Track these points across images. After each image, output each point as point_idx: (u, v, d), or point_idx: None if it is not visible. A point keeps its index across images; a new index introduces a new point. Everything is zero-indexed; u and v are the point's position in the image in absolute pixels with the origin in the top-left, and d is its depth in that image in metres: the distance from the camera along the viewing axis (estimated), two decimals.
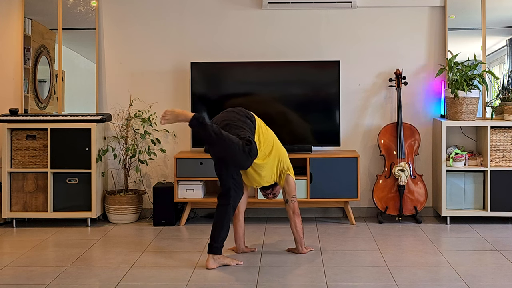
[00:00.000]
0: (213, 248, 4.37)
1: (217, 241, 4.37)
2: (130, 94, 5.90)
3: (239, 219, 4.67)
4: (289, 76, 5.78)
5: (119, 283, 4.06)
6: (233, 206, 4.44)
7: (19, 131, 5.64)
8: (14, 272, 4.32)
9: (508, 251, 4.72)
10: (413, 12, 5.87)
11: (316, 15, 5.87)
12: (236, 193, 4.42)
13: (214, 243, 4.37)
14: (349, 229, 5.48)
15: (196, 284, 4.02)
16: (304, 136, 5.75)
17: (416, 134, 5.75)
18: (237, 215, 4.65)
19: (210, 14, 5.91)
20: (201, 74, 5.77)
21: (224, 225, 4.39)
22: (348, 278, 4.12)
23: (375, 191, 5.69)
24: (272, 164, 4.54)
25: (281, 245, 4.93)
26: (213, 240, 4.37)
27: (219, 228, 4.38)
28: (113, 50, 5.96)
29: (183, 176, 5.56)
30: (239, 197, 4.47)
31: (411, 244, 4.97)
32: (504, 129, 5.50)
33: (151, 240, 5.15)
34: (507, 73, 5.84)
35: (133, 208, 5.72)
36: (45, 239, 5.19)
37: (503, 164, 5.51)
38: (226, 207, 4.40)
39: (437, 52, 5.86)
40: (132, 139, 5.83)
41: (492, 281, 4.05)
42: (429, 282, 4.05)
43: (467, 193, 5.61)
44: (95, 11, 5.92)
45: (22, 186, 5.64)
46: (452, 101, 5.53)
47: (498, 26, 5.89)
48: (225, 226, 4.39)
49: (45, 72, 6.01)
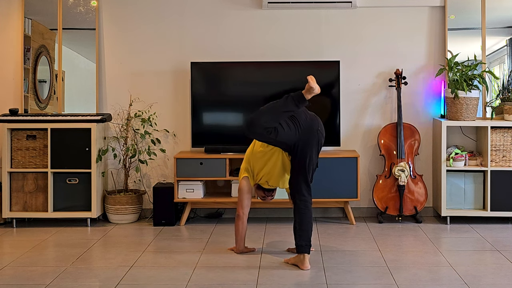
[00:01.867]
0: (309, 247, 4.37)
1: (310, 239, 4.39)
2: (130, 94, 5.90)
3: (243, 220, 4.66)
4: (289, 76, 5.77)
5: (119, 283, 4.06)
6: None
7: (19, 131, 5.64)
8: (14, 272, 4.32)
9: (508, 251, 4.72)
10: (413, 12, 5.87)
11: (316, 15, 5.87)
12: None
13: (309, 243, 4.37)
14: (349, 229, 5.48)
15: (196, 284, 4.02)
16: None
17: (416, 134, 5.75)
18: (242, 217, 4.64)
19: (210, 14, 5.91)
20: (201, 74, 5.77)
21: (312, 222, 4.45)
22: (348, 278, 4.12)
23: (375, 191, 5.69)
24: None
25: (281, 245, 4.93)
26: (308, 240, 4.36)
27: (311, 225, 4.40)
28: (113, 50, 5.96)
29: (183, 176, 5.56)
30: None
31: (411, 244, 4.97)
32: (504, 129, 5.50)
33: (151, 240, 5.15)
34: (507, 73, 5.84)
35: (133, 208, 5.72)
36: (45, 239, 5.19)
37: (503, 164, 5.51)
38: (309, 203, 4.43)
39: (437, 52, 5.86)
40: (132, 139, 5.84)
41: (492, 281, 4.05)
42: (429, 282, 4.05)
43: (467, 193, 5.61)
44: (95, 11, 5.92)
45: (22, 186, 5.64)
46: (452, 101, 5.53)
47: (498, 26, 5.89)
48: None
49: (45, 72, 6.01)
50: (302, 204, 4.39)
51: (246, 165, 4.64)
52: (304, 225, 4.36)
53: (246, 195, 4.61)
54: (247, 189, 4.61)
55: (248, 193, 4.64)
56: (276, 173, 4.56)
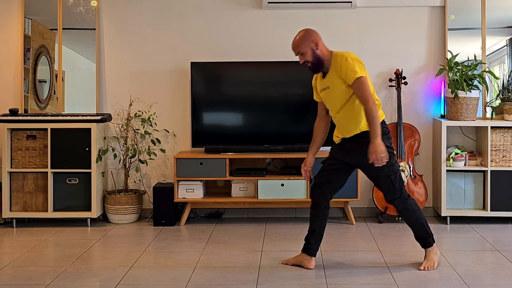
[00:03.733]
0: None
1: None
2: (130, 94, 5.90)
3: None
4: (289, 76, 5.77)
5: (119, 283, 4.06)
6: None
7: (19, 131, 5.64)
8: (14, 272, 4.32)
9: (508, 251, 4.72)
10: (413, 12, 5.87)
11: (316, 15, 5.87)
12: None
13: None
14: (349, 229, 5.48)
15: (196, 284, 4.02)
16: (304, 136, 5.73)
17: (416, 134, 5.75)
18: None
19: (210, 14, 5.91)
20: (201, 74, 5.77)
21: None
22: (348, 278, 4.12)
23: (375, 191, 5.69)
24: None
25: (281, 245, 4.93)
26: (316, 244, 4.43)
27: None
28: (113, 50, 5.96)
29: (183, 176, 5.56)
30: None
31: (411, 244, 4.96)
32: (504, 129, 5.50)
33: (151, 240, 5.15)
34: (507, 73, 5.84)
35: (133, 208, 5.72)
36: (45, 239, 5.19)
37: (503, 164, 5.51)
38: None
39: (437, 52, 5.86)
40: (132, 139, 5.84)
41: (492, 281, 4.05)
42: (429, 282, 4.05)
43: (467, 193, 5.61)
44: (95, 11, 5.92)
45: (22, 186, 5.64)
46: (452, 101, 5.53)
47: (498, 26, 5.89)
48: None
49: (45, 72, 6.01)
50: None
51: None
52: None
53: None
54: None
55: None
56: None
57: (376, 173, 4.20)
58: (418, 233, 4.35)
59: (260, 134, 5.76)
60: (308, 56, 4.18)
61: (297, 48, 4.22)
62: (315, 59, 4.18)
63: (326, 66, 4.21)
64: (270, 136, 5.78)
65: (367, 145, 4.06)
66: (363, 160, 4.11)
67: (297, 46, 4.21)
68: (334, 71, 4.17)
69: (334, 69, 4.17)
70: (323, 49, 4.20)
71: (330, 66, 4.20)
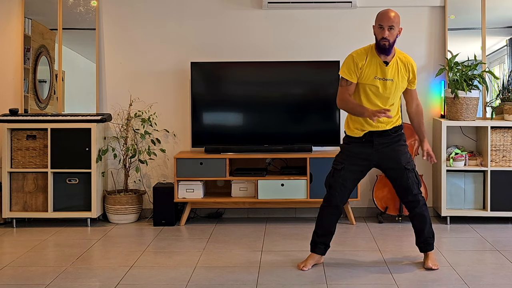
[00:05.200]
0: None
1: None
2: (130, 94, 5.90)
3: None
4: (289, 76, 5.78)
5: (119, 283, 4.06)
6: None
7: (19, 131, 5.64)
8: (14, 272, 4.32)
9: (508, 251, 4.72)
10: (413, 12, 5.86)
11: (316, 15, 5.87)
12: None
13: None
14: (349, 229, 5.48)
15: (196, 284, 4.02)
16: (304, 136, 5.75)
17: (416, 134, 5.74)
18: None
19: (210, 14, 5.91)
20: (201, 74, 5.77)
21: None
22: (348, 278, 4.12)
23: (375, 191, 5.69)
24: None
25: (281, 245, 4.93)
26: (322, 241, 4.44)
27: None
28: (113, 50, 5.96)
29: (183, 176, 5.56)
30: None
31: (411, 244, 4.95)
32: (504, 129, 5.50)
33: (151, 240, 5.15)
34: (507, 73, 5.84)
35: (133, 208, 5.72)
36: (45, 239, 5.19)
37: (503, 164, 5.51)
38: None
39: (437, 52, 5.86)
40: (132, 139, 5.83)
41: (492, 281, 4.05)
42: (429, 282, 4.05)
43: (467, 193, 5.61)
44: (95, 11, 5.92)
45: (22, 186, 5.64)
46: (452, 101, 5.53)
47: (498, 26, 5.89)
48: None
49: (45, 72, 6.01)
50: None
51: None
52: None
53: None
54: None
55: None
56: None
57: (403, 166, 4.24)
58: (427, 233, 4.34)
59: (260, 134, 5.76)
60: (393, 35, 4.19)
61: (394, 22, 4.18)
62: (393, 41, 4.19)
63: (390, 56, 4.22)
64: (270, 136, 5.78)
65: (396, 139, 4.27)
66: (392, 154, 4.25)
67: (395, 21, 4.18)
68: (403, 68, 4.23)
69: (403, 66, 4.23)
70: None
71: (393, 58, 4.22)
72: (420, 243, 4.37)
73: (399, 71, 4.20)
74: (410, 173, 4.25)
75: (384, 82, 4.18)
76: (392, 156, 4.25)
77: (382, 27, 4.15)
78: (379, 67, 4.18)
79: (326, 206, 4.33)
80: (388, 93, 4.21)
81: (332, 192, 4.28)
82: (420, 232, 4.34)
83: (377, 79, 4.18)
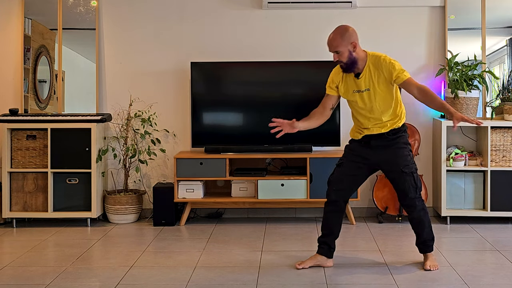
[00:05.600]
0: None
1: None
2: (130, 94, 5.90)
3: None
4: (289, 76, 5.77)
5: (119, 283, 4.06)
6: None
7: (19, 131, 5.64)
8: (14, 272, 4.32)
9: (508, 251, 4.72)
10: (413, 12, 5.87)
11: (316, 15, 5.87)
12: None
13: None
14: (349, 229, 5.48)
15: (196, 284, 4.02)
16: (304, 136, 5.72)
17: (416, 134, 5.75)
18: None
19: (210, 14, 5.91)
20: (201, 74, 5.77)
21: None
22: (348, 278, 4.12)
23: (375, 191, 5.69)
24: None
25: (281, 245, 4.93)
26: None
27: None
28: (113, 50, 5.96)
29: (183, 176, 5.56)
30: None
31: (411, 244, 4.95)
32: (504, 129, 5.50)
33: (151, 240, 5.15)
34: (507, 73, 5.84)
35: (133, 208, 5.72)
36: (45, 239, 5.19)
37: (503, 164, 5.51)
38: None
39: (437, 52, 5.87)
40: (132, 139, 5.84)
41: (492, 281, 4.05)
42: (429, 282, 4.05)
43: (467, 193, 5.61)
44: (95, 11, 5.92)
45: (22, 186, 5.64)
46: (452, 101, 5.53)
47: (498, 26, 5.89)
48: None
49: (45, 72, 6.01)
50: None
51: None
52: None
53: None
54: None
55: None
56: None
57: (400, 169, 4.18)
58: (426, 236, 4.32)
59: (260, 134, 5.75)
60: (344, 57, 4.11)
61: (334, 47, 4.11)
62: (350, 60, 4.11)
63: (359, 67, 4.15)
64: (270, 136, 5.73)
65: (394, 141, 4.17)
66: (390, 156, 4.19)
67: (336, 45, 4.10)
68: (375, 72, 4.12)
69: (375, 69, 4.12)
70: (359, 51, 4.13)
71: (365, 67, 4.14)
72: (419, 244, 4.37)
73: (372, 77, 4.13)
74: (407, 176, 4.20)
75: (360, 94, 4.18)
76: (390, 159, 4.22)
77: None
78: (353, 81, 4.20)
79: (326, 203, 4.37)
80: (370, 103, 4.17)
81: (330, 187, 4.34)
82: (419, 235, 4.36)
83: (355, 92, 4.19)
